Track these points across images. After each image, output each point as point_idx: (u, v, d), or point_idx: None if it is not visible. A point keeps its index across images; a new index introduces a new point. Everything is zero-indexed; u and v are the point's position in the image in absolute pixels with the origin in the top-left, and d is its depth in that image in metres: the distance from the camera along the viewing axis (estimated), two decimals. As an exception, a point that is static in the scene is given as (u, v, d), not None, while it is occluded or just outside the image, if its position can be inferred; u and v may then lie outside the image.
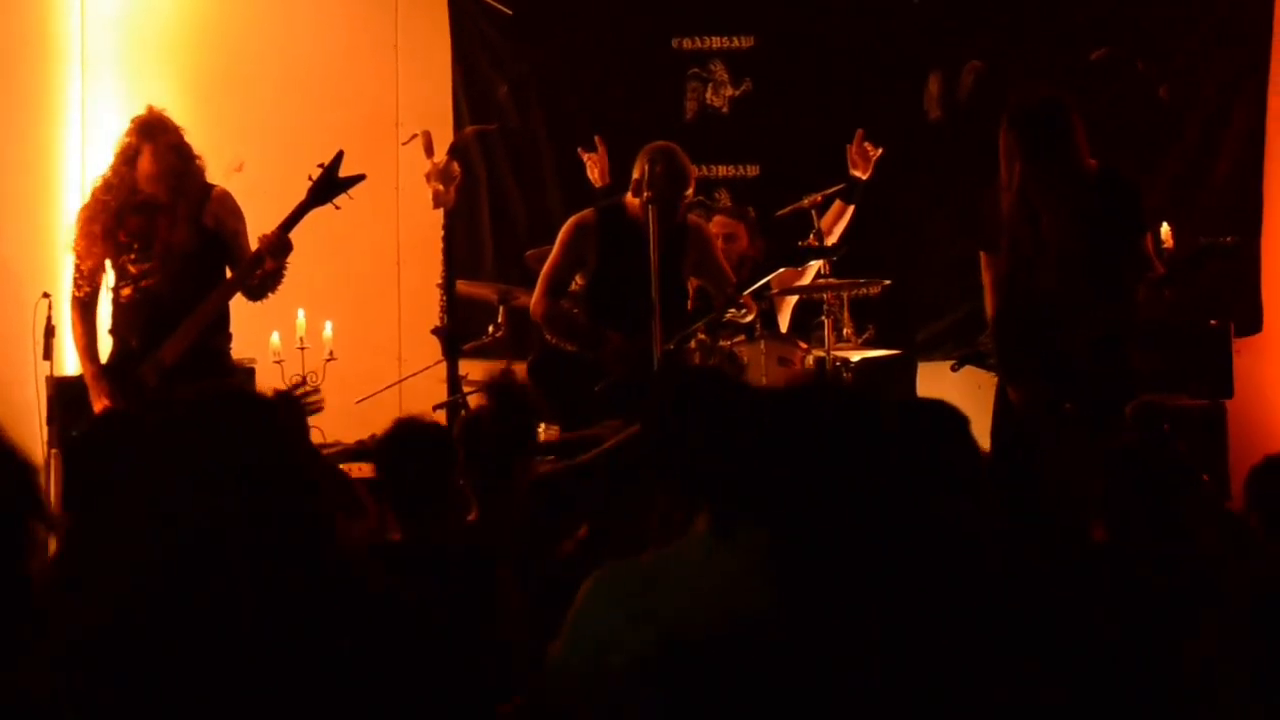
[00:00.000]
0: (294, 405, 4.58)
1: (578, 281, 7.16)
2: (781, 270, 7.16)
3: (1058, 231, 6.12)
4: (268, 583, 2.47)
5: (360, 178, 6.22)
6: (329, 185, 6.19)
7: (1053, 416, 6.03)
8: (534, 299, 7.06)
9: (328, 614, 2.48)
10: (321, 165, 6.22)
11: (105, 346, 6.49)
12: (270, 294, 6.35)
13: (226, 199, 6.45)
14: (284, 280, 6.34)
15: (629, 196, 6.90)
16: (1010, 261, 6.29)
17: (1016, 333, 6.31)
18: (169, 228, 6.28)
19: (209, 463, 2.53)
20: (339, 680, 2.45)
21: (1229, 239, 6.17)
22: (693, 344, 6.94)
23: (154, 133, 6.31)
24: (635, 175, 6.83)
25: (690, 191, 6.93)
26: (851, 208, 7.84)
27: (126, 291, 6.34)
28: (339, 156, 6.22)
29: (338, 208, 6.25)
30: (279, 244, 6.13)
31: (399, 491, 4.02)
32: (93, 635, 2.47)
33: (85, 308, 6.42)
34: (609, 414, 6.33)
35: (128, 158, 6.33)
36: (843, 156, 7.67)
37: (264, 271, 6.22)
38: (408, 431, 4.11)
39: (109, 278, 6.45)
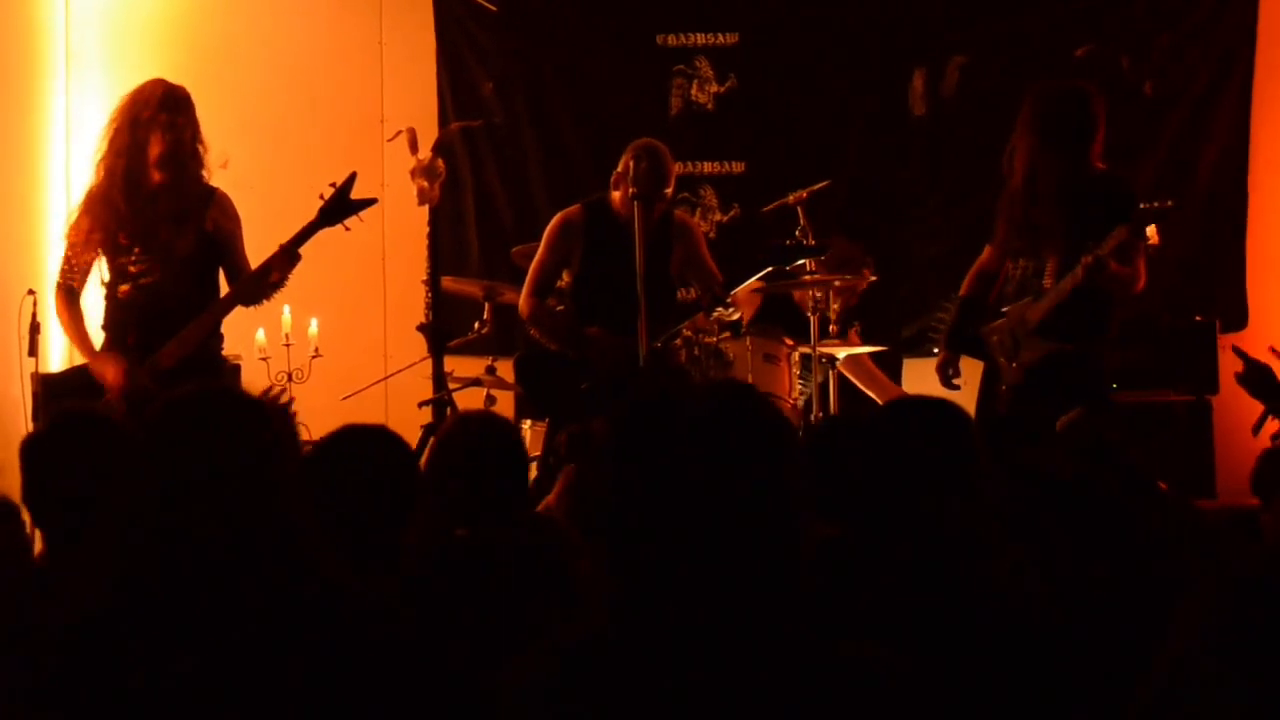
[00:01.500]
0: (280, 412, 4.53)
1: (565, 278, 7.16)
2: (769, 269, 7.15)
3: (1045, 222, 6.15)
4: (239, 588, 2.45)
5: (372, 201, 6.08)
6: (340, 206, 6.10)
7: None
8: (521, 297, 7.06)
9: (301, 620, 2.47)
10: (333, 185, 6.11)
11: (97, 343, 6.44)
12: (266, 301, 6.34)
13: (225, 202, 6.41)
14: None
15: (612, 190, 6.91)
16: (1001, 246, 6.37)
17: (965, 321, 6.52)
18: (171, 236, 6.25)
19: (187, 461, 2.52)
20: (311, 686, 2.44)
21: (1166, 202, 6.08)
22: (678, 341, 6.95)
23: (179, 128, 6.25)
24: (619, 169, 6.84)
25: (669, 191, 6.94)
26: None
27: (124, 289, 6.29)
28: (352, 177, 6.10)
29: (348, 229, 6.16)
30: (288, 260, 6.10)
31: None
32: (67, 634, 2.47)
33: (71, 294, 6.36)
34: (595, 412, 6.31)
35: (139, 146, 6.24)
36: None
37: (268, 283, 6.19)
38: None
39: (102, 273, 6.39)
